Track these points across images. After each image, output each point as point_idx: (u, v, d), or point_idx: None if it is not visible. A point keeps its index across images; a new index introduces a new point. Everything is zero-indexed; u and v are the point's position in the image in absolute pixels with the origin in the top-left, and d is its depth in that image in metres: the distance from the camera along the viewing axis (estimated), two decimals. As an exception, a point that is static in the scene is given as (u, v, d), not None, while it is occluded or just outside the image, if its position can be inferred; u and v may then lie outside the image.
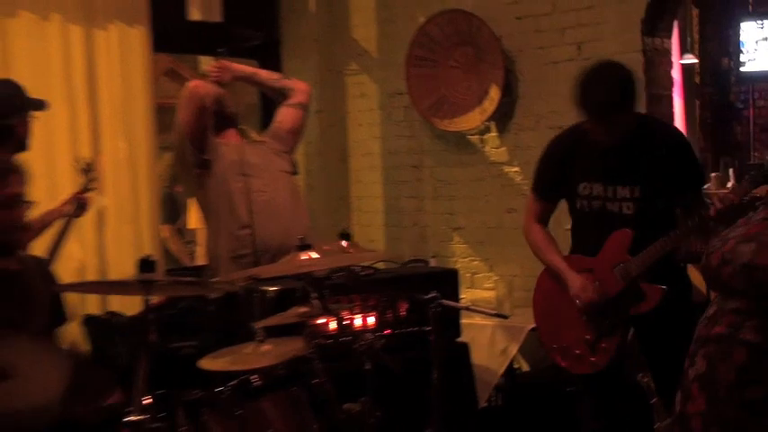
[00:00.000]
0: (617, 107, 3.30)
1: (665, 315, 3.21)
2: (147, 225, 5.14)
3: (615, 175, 3.38)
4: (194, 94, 4.09)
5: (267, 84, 4.44)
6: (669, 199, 3.36)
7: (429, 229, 5.88)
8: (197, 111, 4.05)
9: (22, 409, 2.07)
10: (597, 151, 3.40)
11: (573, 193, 3.52)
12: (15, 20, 4.67)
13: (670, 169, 3.33)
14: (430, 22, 5.64)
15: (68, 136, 4.77)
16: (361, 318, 3.86)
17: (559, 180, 3.56)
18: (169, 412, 2.63)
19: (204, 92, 4.09)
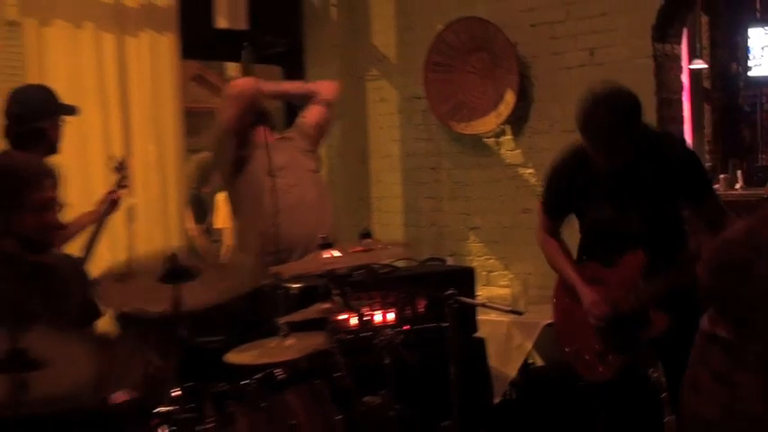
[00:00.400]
0: (616, 135, 3.21)
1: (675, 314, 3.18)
2: (175, 224, 5.16)
3: (622, 195, 3.30)
4: (243, 91, 4.13)
5: (292, 92, 4.44)
6: (679, 213, 3.31)
7: (446, 229, 5.88)
8: (244, 107, 4.09)
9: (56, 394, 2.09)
10: (602, 172, 3.32)
11: (581, 213, 3.49)
12: (51, 28, 4.70)
13: (678, 185, 3.25)
14: (447, 30, 5.64)
15: (101, 139, 4.80)
16: (380, 314, 3.86)
17: (566, 202, 3.52)
18: (197, 404, 2.63)
19: (252, 90, 4.13)
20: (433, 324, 3.81)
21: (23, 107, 3.74)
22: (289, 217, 4.02)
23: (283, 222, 3.99)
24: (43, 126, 3.74)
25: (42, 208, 2.90)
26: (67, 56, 4.74)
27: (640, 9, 4.89)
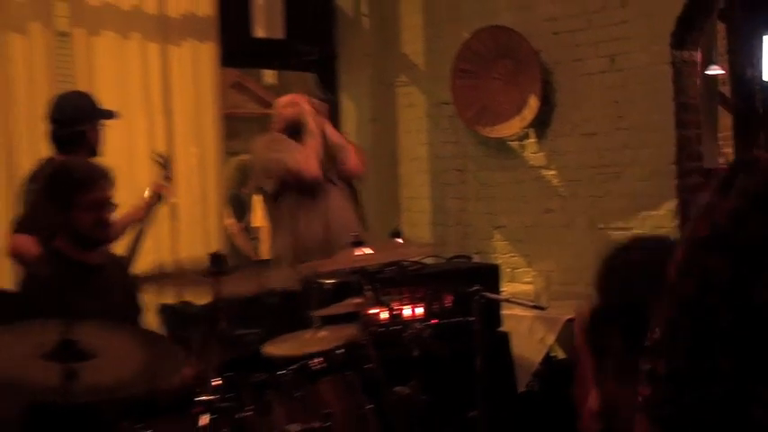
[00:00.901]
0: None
1: None
2: (215, 223, 5.19)
3: None
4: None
5: (334, 143, 4.35)
6: None
7: (472, 228, 5.87)
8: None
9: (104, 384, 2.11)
10: None
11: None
12: (100, 38, 4.74)
13: None
14: (473, 38, 5.63)
15: (146, 142, 4.83)
16: (410, 308, 3.86)
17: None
18: (236, 393, 2.65)
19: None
20: (460, 318, 3.81)
21: (63, 112, 3.77)
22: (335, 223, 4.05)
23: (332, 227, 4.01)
24: (83, 129, 3.76)
25: (97, 207, 2.94)
26: (115, 64, 4.78)
27: (659, 17, 4.86)
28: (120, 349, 2.13)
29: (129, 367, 2.14)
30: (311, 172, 4.04)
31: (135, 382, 2.21)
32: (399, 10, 6.19)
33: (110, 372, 2.08)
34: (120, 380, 2.15)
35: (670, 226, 4.92)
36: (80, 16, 4.69)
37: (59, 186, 3.00)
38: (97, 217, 2.95)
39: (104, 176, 3.01)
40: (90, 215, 2.93)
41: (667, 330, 1.26)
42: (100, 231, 2.98)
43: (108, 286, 3.05)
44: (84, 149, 3.75)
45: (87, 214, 2.92)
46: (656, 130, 4.93)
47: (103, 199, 2.97)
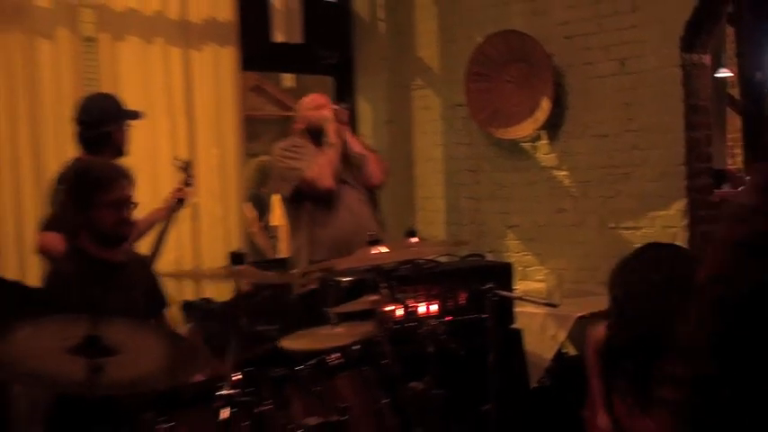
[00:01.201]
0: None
1: None
2: (235, 222, 5.20)
3: None
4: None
5: (356, 152, 4.32)
6: None
7: (486, 227, 5.86)
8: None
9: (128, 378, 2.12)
10: None
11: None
12: (124, 43, 4.76)
13: None
14: (487, 42, 5.62)
15: (169, 144, 4.85)
16: (425, 305, 3.85)
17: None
18: (256, 387, 2.65)
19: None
20: (474, 315, 3.80)
21: (89, 114, 3.79)
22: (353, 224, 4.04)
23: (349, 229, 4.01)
24: (109, 130, 3.78)
25: (117, 205, 2.96)
26: (138, 68, 4.79)
27: (669, 22, 4.84)
28: (142, 345, 2.14)
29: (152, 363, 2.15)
30: (325, 183, 4.03)
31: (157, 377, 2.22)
32: (415, 15, 6.18)
33: (133, 367, 2.08)
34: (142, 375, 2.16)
35: (679, 225, 4.89)
36: (105, 22, 4.71)
37: (81, 186, 3.01)
38: (117, 215, 2.96)
39: (124, 176, 3.03)
40: (110, 214, 2.94)
41: (697, 333, 1.23)
42: (120, 229, 3.00)
43: (130, 283, 3.06)
44: (110, 150, 3.77)
45: (108, 213, 2.94)
46: (666, 132, 4.91)
47: (123, 198, 2.99)
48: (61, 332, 2.01)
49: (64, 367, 2.01)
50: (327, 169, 4.03)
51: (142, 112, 4.06)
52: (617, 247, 4.82)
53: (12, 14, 4.34)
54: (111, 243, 3.01)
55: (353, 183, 4.20)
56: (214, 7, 5.10)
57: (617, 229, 5.16)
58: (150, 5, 4.84)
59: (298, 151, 4.17)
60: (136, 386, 2.24)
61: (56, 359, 2.01)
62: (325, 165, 4.03)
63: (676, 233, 4.90)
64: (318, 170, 4.02)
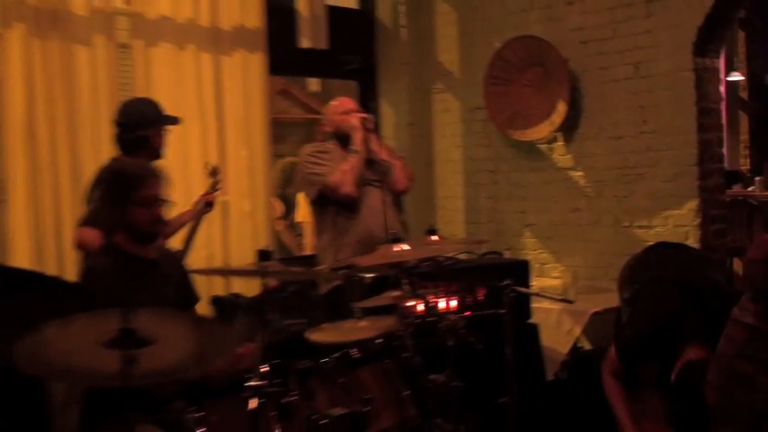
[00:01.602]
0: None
1: None
2: (263, 220, 5.21)
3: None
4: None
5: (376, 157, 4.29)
6: None
7: (503, 226, 5.84)
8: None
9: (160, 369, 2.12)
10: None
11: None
12: (157, 49, 4.78)
13: None
14: (505, 47, 5.60)
15: (199, 145, 4.87)
16: (444, 301, 3.84)
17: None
18: (283, 379, 2.65)
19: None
20: (492, 311, 3.79)
21: (129, 117, 3.80)
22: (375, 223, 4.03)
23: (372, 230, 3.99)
24: (146, 134, 3.78)
25: (151, 203, 2.97)
26: (171, 73, 4.81)
27: (682, 27, 4.80)
28: (174, 337, 2.14)
29: (183, 353, 2.15)
30: (346, 190, 4.02)
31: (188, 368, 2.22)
32: (435, 22, 6.18)
33: (165, 357, 2.08)
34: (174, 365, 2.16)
35: (691, 224, 4.86)
36: (139, 29, 4.74)
37: (117, 184, 3.03)
38: (151, 213, 2.97)
39: (157, 175, 3.04)
40: (144, 211, 2.95)
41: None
42: (154, 227, 3.01)
43: (162, 279, 3.07)
44: (146, 152, 3.77)
45: (142, 210, 2.95)
46: (679, 134, 4.87)
47: (156, 196, 3.00)
48: (95, 326, 2.02)
49: (98, 360, 2.01)
50: (350, 176, 4.02)
51: (180, 117, 4.07)
52: (631, 246, 4.79)
53: (51, 23, 4.37)
54: (144, 240, 3.02)
55: (379, 185, 4.19)
56: (243, 15, 5.11)
57: (631, 227, 5.13)
58: (182, 13, 4.86)
59: (322, 157, 4.16)
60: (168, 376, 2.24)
61: (90, 352, 2.01)
62: (347, 171, 4.02)
63: (688, 232, 4.86)
64: (341, 176, 4.01)
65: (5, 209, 4.27)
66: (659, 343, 3.00)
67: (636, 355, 3.10)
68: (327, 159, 4.13)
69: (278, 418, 2.58)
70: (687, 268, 3.21)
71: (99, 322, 2.02)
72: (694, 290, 3.01)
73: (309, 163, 4.16)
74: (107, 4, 4.59)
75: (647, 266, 3.38)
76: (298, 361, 2.82)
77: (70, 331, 2.03)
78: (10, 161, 4.25)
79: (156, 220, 3.00)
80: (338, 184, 4.01)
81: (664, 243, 3.85)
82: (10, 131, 4.25)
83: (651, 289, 3.16)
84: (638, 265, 3.44)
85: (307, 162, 4.19)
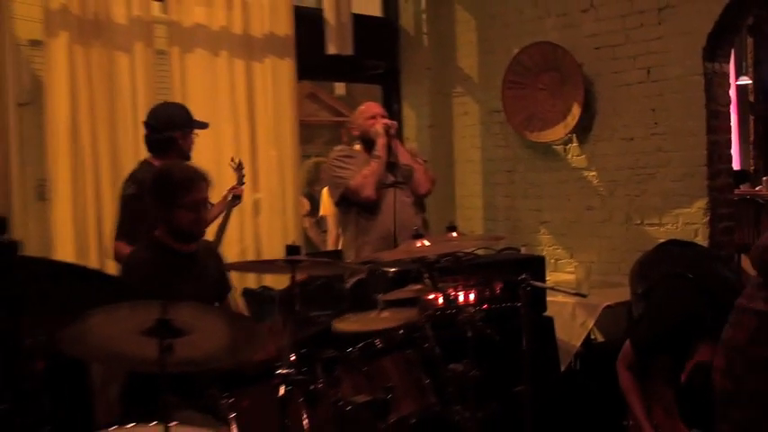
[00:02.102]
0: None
1: None
2: (292, 216, 5.23)
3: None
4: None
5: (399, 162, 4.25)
6: None
7: (520, 223, 5.83)
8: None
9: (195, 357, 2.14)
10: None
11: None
12: (193, 55, 4.80)
13: None
14: (522, 53, 5.58)
15: (232, 146, 4.88)
16: (463, 294, 3.84)
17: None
18: (310, 367, 2.67)
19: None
20: (508, 304, 3.78)
21: (158, 119, 3.82)
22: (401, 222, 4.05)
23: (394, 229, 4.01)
24: (174, 136, 3.79)
25: (196, 207, 2.98)
26: (205, 78, 4.84)
27: (692, 33, 4.77)
28: (209, 327, 2.16)
29: (217, 343, 2.17)
30: (366, 193, 4.04)
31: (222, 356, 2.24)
32: (455, 29, 6.17)
33: (200, 347, 2.11)
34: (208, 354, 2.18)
35: (701, 222, 4.82)
36: (176, 37, 4.77)
37: (163, 187, 3.02)
38: (195, 216, 2.98)
39: (203, 179, 3.04)
40: (188, 214, 2.96)
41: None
42: (195, 228, 3.02)
43: (201, 272, 3.09)
44: (174, 153, 3.78)
45: (186, 213, 2.96)
46: (689, 135, 4.83)
47: (201, 199, 3.00)
48: (135, 315, 2.04)
49: (137, 347, 2.04)
50: (370, 180, 4.04)
51: (208, 123, 4.09)
52: (642, 242, 4.77)
53: (94, 31, 4.41)
54: (185, 239, 3.04)
55: (403, 186, 4.19)
56: (274, 23, 5.13)
57: (642, 225, 5.10)
58: (216, 21, 4.88)
59: (347, 161, 4.18)
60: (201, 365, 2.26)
61: (130, 340, 2.04)
62: (368, 176, 4.04)
63: (698, 229, 4.83)
64: (361, 180, 4.04)
65: (51, 207, 4.33)
66: (674, 338, 2.98)
67: (651, 349, 3.09)
68: (352, 163, 4.15)
69: (305, 404, 2.60)
70: (698, 265, 3.19)
71: (139, 312, 2.04)
72: (706, 286, 2.99)
73: (335, 166, 4.18)
74: (146, 13, 4.62)
75: (658, 263, 3.35)
76: (324, 350, 2.84)
77: (112, 320, 2.06)
78: (55, 162, 4.30)
79: (199, 222, 3.01)
80: (359, 188, 4.04)
81: (674, 240, 3.82)
82: (55, 134, 4.29)
83: (666, 285, 3.14)
84: (650, 261, 3.42)
85: (333, 165, 4.21)
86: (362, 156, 4.19)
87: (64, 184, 4.31)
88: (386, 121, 4.17)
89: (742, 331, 2.19)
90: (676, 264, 3.21)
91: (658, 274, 3.22)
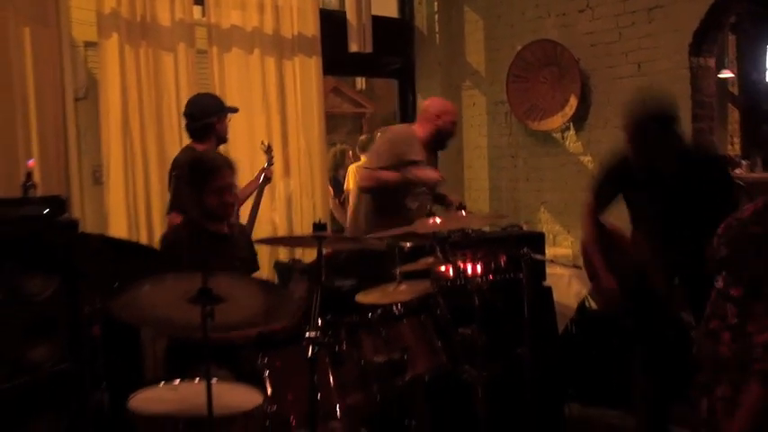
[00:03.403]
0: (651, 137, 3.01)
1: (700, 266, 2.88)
2: (320, 197, 5.23)
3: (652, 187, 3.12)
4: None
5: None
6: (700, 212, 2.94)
7: (522, 203, 5.80)
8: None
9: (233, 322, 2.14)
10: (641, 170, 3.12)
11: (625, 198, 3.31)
12: (229, 54, 4.80)
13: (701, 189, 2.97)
14: (525, 49, 5.54)
15: (265, 135, 4.88)
16: (471, 266, 3.82)
17: (611, 192, 3.35)
18: (335, 331, 2.67)
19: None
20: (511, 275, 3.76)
21: (195, 109, 3.82)
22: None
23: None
24: (211, 121, 3.80)
25: (222, 191, 2.98)
26: (241, 74, 4.83)
27: (679, 31, 4.71)
28: (245, 295, 2.17)
29: (252, 309, 2.18)
30: (365, 185, 4.00)
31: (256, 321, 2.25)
32: (465, 28, 6.13)
33: (237, 313, 2.11)
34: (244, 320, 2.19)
35: (686, 202, 4.78)
36: (214, 37, 4.76)
37: (194, 174, 3.05)
38: (221, 199, 2.99)
39: (228, 165, 3.05)
40: (215, 198, 2.97)
41: None
42: (222, 210, 3.03)
43: (231, 252, 3.09)
44: (213, 138, 3.80)
45: (213, 197, 2.97)
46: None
47: (227, 185, 3.01)
48: (180, 285, 2.05)
49: (182, 312, 2.05)
50: (380, 182, 4.00)
51: (238, 108, 4.07)
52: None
53: (141, 33, 4.41)
54: (214, 219, 3.05)
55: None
56: (302, 24, 5.11)
57: (632, 204, 5.06)
58: (250, 23, 4.87)
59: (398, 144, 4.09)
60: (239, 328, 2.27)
61: (176, 307, 2.05)
62: (380, 178, 4.01)
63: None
64: (373, 175, 4.01)
65: (105, 190, 4.35)
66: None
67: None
68: (409, 150, 4.06)
69: (331, 364, 2.61)
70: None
71: (183, 282, 2.05)
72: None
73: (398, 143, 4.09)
74: (188, 16, 4.62)
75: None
76: (347, 316, 2.84)
77: (159, 289, 2.07)
78: (108, 150, 4.33)
79: (225, 205, 3.01)
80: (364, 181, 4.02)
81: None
82: (108, 125, 4.32)
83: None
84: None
85: (384, 145, 4.15)
86: (418, 143, 4.12)
87: (116, 170, 4.33)
88: (438, 178, 4.06)
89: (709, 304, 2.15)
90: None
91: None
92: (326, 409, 2.53)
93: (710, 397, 2.08)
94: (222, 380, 2.36)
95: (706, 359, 2.15)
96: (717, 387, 2.08)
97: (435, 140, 4.15)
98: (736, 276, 2.04)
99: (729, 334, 2.05)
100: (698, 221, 2.92)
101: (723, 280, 2.09)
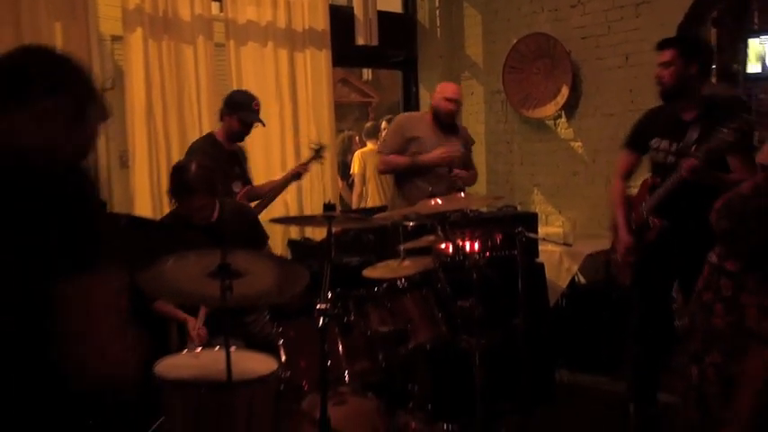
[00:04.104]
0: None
1: (695, 236, 2.71)
2: (329, 181, 5.22)
3: (673, 135, 3.18)
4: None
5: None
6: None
7: (517, 185, 5.79)
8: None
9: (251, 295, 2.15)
10: (673, 117, 3.19)
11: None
12: (245, 47, 4.78)
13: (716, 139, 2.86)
14: (520, 42, 5.50)
15: (278, 124, 4.87)
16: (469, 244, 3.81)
17: (643, 139, 3.38)
18: (343, 303, 2.69)
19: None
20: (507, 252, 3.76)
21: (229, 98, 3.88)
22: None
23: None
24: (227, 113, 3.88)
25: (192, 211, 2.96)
26: (255, 66, 4.80)
27: (665, 25, 4.67)
28: (261, 270, 2.17)
29: (268, 283, 2.18)
30: (380, 168, 4.18)
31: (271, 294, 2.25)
32: (464, 23, 6.08)
33: (254, 286, 2.12)
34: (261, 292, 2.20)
35: (669, 184, 4.75)
36: (232, 32, 4.73)
37: (172, 185, 3.03)
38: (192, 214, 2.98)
39: (206, 190, 2.99)
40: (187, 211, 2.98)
41: None
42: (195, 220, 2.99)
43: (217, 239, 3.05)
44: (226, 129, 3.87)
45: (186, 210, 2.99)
46: (660, 111, 4.74)
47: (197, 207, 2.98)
48: (201, 261, 2.06)
49: (204, 286, 2.06)
50: (391, 166, 4.05)
51: (264, 122, 3.99)
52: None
53: (163, 27, 4.39)
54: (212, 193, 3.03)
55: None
56: (312, 19, 5.07)
57: (619, 187, 5.04)
58: (264, 18, 4.84)
59: (406, 126, 4.18)
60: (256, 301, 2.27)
61: (198, 281, 2.06)
62: (391, 162, 4.06)
63: (666, 190, 4.76)
64: (384, 160, 4.07)
65: (131, 173, 4.36)
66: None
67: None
68: (411, 128, 4.14)
69: (340, 333, 2.62)
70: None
71: (204, 258, 2.06)
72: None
73: (387, 134, 4.19)
74: (207, 12, 4.59)
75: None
76: (355, 290, 2.85)
77: (182, 264, 2.08)
78: (134, 136, 4.32)
79: (196, 214, 2.98)
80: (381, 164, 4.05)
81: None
82: (133, 113, 4.30)
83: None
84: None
85: (390, 130, 4.22)
86: (429, 126, 4.17)
87: (141, 155, 4.33)
88: (456, 154, 4.05)
89: (702, 279, 2.14)
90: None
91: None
92: (336, 375, 2.55)
93: (701, 365, 2.09)
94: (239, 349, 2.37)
95: (698, 330, 2.14)
96: (707, 356, 2.08)
97: (437, 118, 4.17)
98: (735, 250, 2.03)
99: (722, 306, 2.05)
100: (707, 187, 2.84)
101: (717, 255, 2.08)
